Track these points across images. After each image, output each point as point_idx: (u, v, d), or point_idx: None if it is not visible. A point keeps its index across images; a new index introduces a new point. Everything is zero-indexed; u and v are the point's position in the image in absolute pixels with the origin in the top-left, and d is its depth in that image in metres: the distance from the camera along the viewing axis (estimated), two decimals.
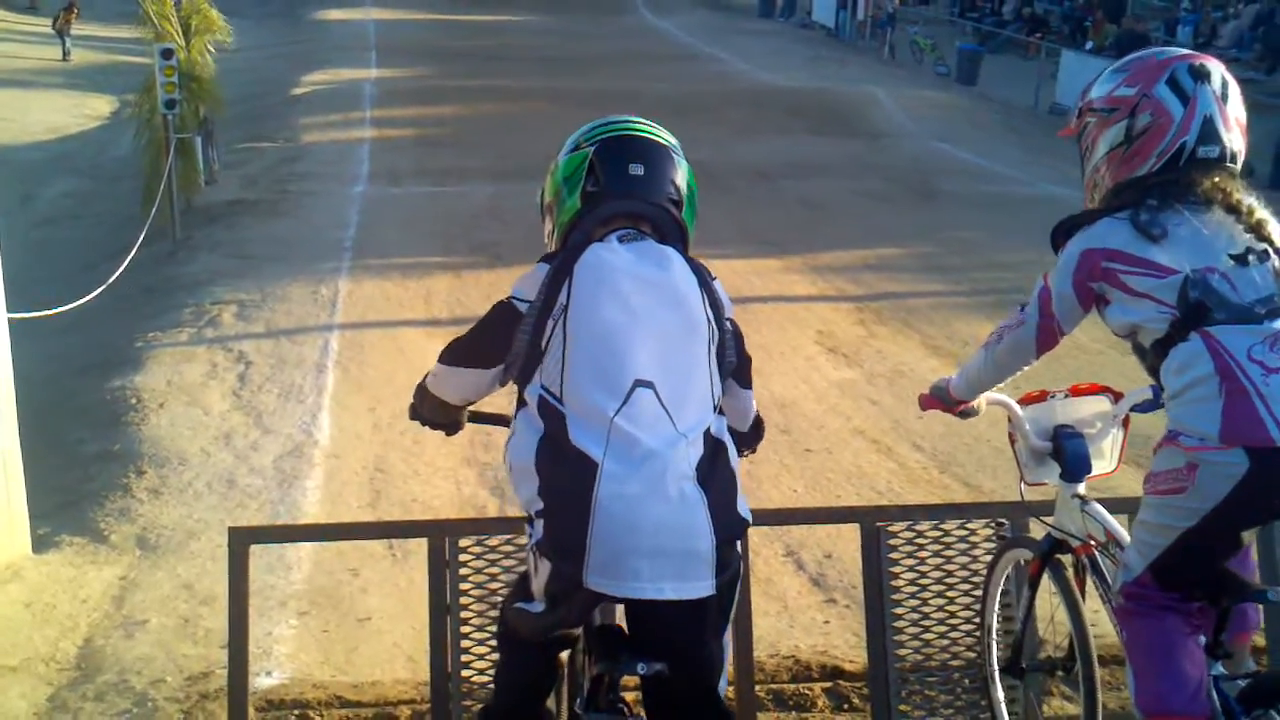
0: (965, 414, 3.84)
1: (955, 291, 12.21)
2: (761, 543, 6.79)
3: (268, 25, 29.94)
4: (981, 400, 3.78)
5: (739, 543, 2.95)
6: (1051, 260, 3.40)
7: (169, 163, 13.52)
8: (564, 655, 3.22)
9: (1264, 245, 3.10)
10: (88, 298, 9.65)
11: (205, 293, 11.67)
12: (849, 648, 5.71)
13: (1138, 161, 3.22)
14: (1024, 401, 3.82)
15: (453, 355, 3.21)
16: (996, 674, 4.16)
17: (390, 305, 11.35)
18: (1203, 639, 3.12)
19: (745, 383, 3.33)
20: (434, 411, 3.40)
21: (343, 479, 7.69)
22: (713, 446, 2.92)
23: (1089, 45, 26.96)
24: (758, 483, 7.60)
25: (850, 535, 6.80)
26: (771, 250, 13.40)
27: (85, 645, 5.62)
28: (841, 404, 9.15)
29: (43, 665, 5.42)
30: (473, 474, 7.80)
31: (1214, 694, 3.06)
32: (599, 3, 33.67)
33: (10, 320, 6.53)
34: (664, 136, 3.31)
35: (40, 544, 6.63)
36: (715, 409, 3.01)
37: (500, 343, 3.07)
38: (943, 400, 3.79)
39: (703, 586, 2.78)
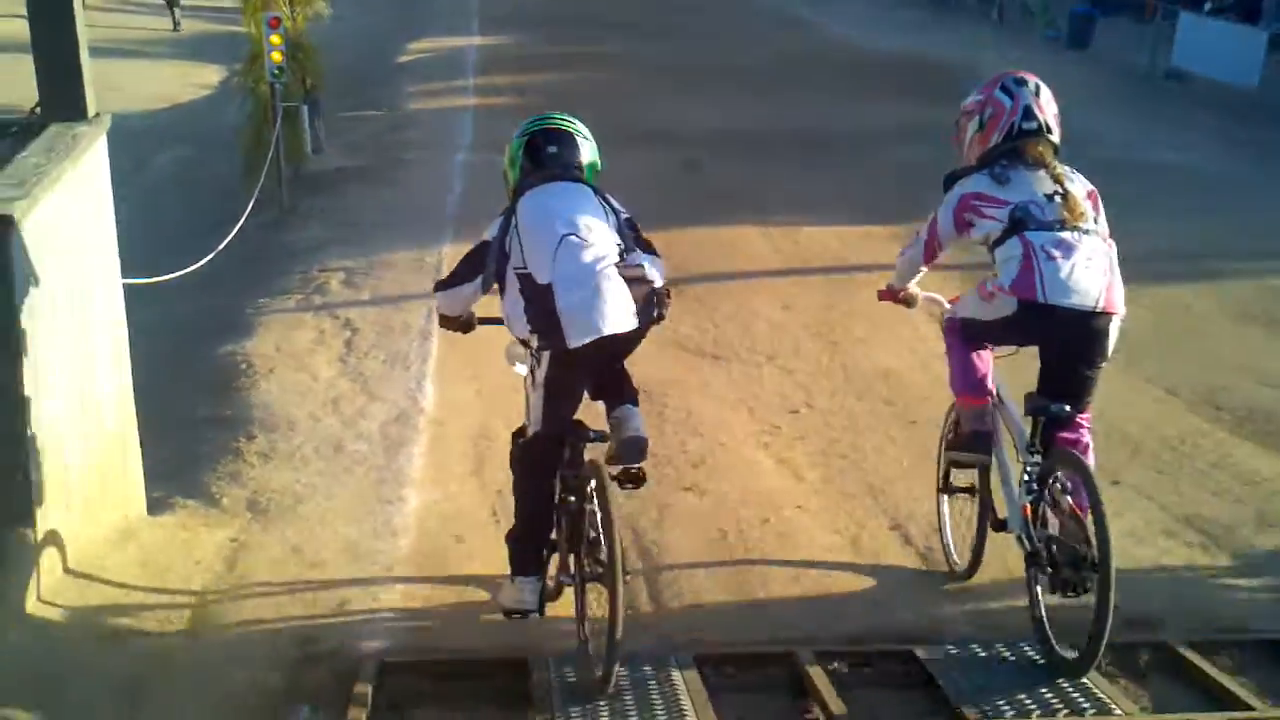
0: (906, 302, 6.10)
1: None
2: (866, 516, 6.72)
3: None
4: (919, 296, 6.03)
5: (652, 309, 4.90)
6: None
7: (275, 131, 13.70)
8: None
9: (1059, 189, 5.08)
10: (198, 264, 9.80)
11: (312, 260, 11.83)
12: (957, 625, 5.61)
13: (990, 137, 5.26)
14: (952, 301, 5.82)
15: (442, 285, 5.37)
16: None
17: None
18: (989, 357, 5.61)
19: (649, 250, 5.11)
20: (449, 322, 5.48)
21: (447, 445, 7.74)
22: (626, 267, 4.88)
23: (1207, 6, 26.04)
24: (863, 454, 7.50)
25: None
26: (875, 217, 13.15)
27: (199, 605, 5.73)
28: (947, 375, 8.96)
29: (157, 624, 5.54)
30: None
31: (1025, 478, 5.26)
32: None
33: (125, 285, 6.64)
34: (573, 126, 5.21)
35: (155, 506, 6.76)
36: (622, 255, 4.90)
37: (476, 265, 5.06)
38: (890, 292, 6.05)
39: (625, 324, 4.81)
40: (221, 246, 10.78)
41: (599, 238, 4.86)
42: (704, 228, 12.57)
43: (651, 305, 4.87)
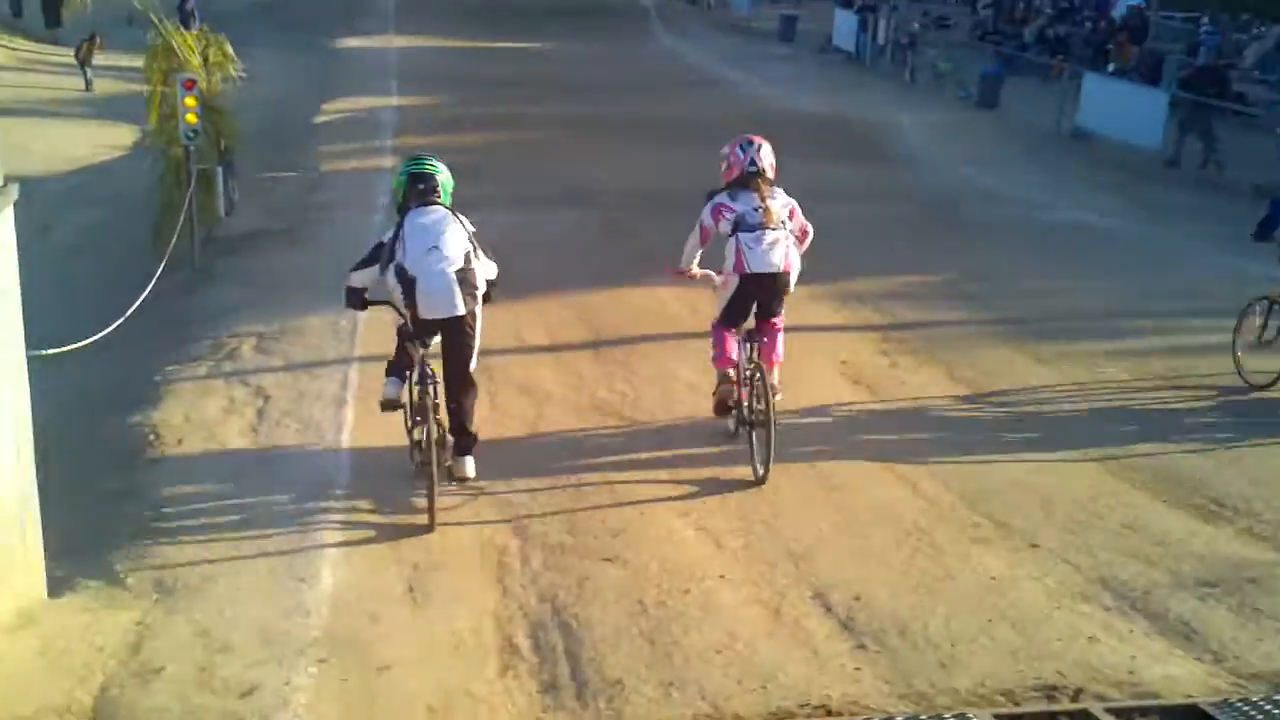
0: (690, 277, 8.56)
1: (978, 320, 12.05)
2: (788, 584, 6.67)
3: (288, 54, 29.88)
4: (699, 273, 8.51)
5: (475, 299, 7.40)
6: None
7: (189, 193, 13.49)
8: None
9: (763, 205, 7.98)
10: (105, 331, 9.57)
11: (224, 325, 11.62)
12: (881, 696, 5.59)
13: (732, 174, 8.20)
14: (719, 273, 8.38)
15: (356, 266, 7.69)
16: None
17: None
18: (735, 339, 8.33)
19: (488, 255, 7.65)
20: (353, 296, 7.72)
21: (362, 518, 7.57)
22: (464, 271, 7.30)
23: (1111, 67, 26.79)
24: (784, 521, 7.47)
25: (881, 575, 6.69)
26: (797, 278, 13.24)
27: (101, 695, 5.52)
28: (867, 438, 9.01)
29: (56, 717, 5.32)
30: (494, 512, 7.68)
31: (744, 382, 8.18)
32: (619, 28, 33.72)
33: (30, 357, 6.44)
34: (435, 168, 7.79)
35: (56, 586, 6.53)
36: (468, 261, 7.37)
37: (376, 256, 7.51)
38: (677, 270, 8.54)
39: (461, 308, 7.27)
40: (130, 311, 10.55)
41: (453, 251, 7.35)
42: (623, 289, 12.58)
43: (476, 299, 7.44)
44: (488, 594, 6.59)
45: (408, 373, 7.74)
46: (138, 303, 10.72)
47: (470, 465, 7.65)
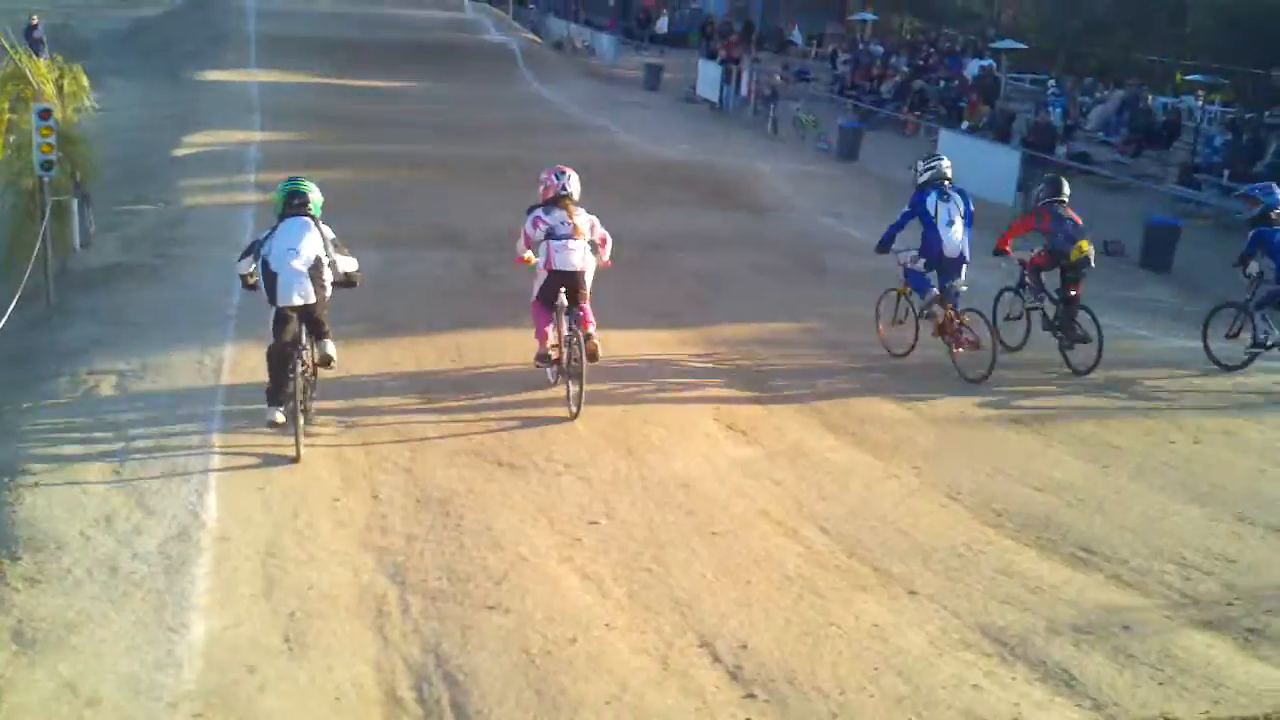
0: (526, 261, 10.59)
1: (848, 368, 12.27)
2: (674, 633, 6.66)
3: (148, 83, 29.11)
4: (530, 258, 10.54)
5: (321, 289, 9.33)
6: None
7: (44, 226, 12.98)
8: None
9: (571, 220, 10.45)
10: None
11: (82, 361, 11.17)
12: None
13: (547, 194, 10.62)
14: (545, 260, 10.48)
15: (240, 257, 9.66)
16: None
17: None
18: (548, 315, 10.56)
19: (345, 252, 9.61)
20: (242, 282, 9.73)
21: (233, 564, 7.35)
22: (317, 266, 9.28)
23: (964, 125, 27.75)
24: (667, 569, 7.47)
25: (766, 623, 6.72)
26: (665, 322, 13.38)
27: None
28: (744, 484, 9.08)
29: None
30: (371, 559, 7.53)
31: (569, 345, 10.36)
32: (487, 70, 33.66)
33: None
34: (307, 188, 9.63)
35: None
36: (326, 258, 9.36)
37: (251, 250, 9.46)
38: (521, 258, 10.65)
39: (311, 298, 9.24)
40: None
41: (308, 252, 9.26)
42: (494, 330, 12.48)
43: (325, 289, 9.41)
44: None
45: (276, 372, 9.36)
46: None
47: (330, 346, 9.65)
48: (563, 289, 10.35)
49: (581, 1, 52.18)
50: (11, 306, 11.32)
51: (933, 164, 12.28)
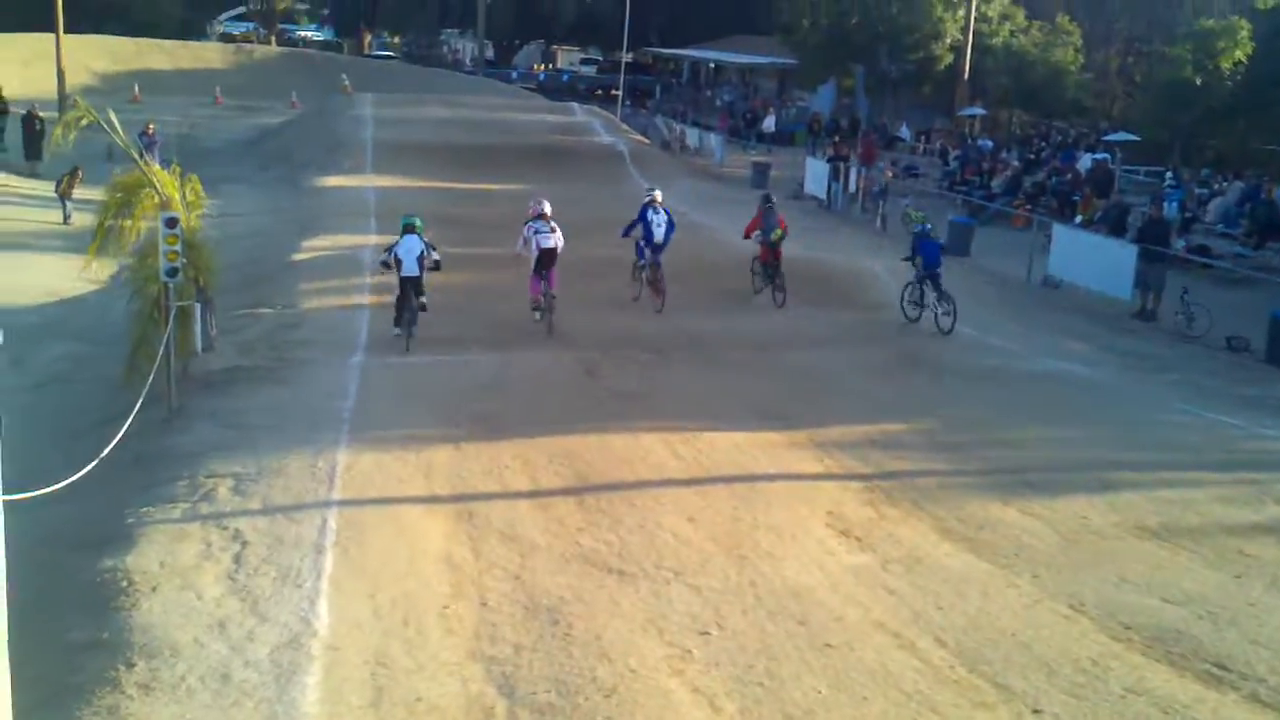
0: (523, 255, 17.35)
1: (963, 470, 12.00)
2: None
3: (269, 190, 30.19)
4: (525, 253, 17.16)
5: (423, 269, 16.20)
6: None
7: (169, 330, 13.37)
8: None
9: (550, 224, 17.11)
10: (79, 474, 9.33)
11: (200, 465, 11.39)
12: None
13: (532, 214, 17.30)
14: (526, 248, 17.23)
15: (383, 254, 17.04)
16: None
17: (389, 480, 11.08)
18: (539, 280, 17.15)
19: (435, 252, 16.49)
20: (383, 266, 16.75)
21: (342, 674, 7.34)
22: (421, 257, 16.22)
23: (1078, 219, 27.35)
24: (780, 683, 7.27)
25: None
26: (775, 424, 13.22)
27: None
28: (858, 593, 8.87)
29: None
30: (479, 669, 7.46)
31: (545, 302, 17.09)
32: (596, 172, 34.06)
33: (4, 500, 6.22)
34: (415, 222, 16.59)
35: None
36: (422, 255, 16.28)
37: (391, 249, 16.57)
38: (515, 252, 17.49)
39: (416, 273, 16.11)
40: (105, 452, 10.33)
41: (416, 250, 15.97)
42: (604, 434, 12.47)
43: (424, 268, 15.95)
44: None
45: (397, 300, 16.19)
46: (114, 443, 10.50)
47: (424, 298, 16.17)
48: (546, 261, 16.81)
49: (690, 102, 53.02)
50: (135, 410, 11.62)
51: (650, 194, 19.69)
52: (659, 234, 18.87)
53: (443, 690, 7.13)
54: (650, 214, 19.03)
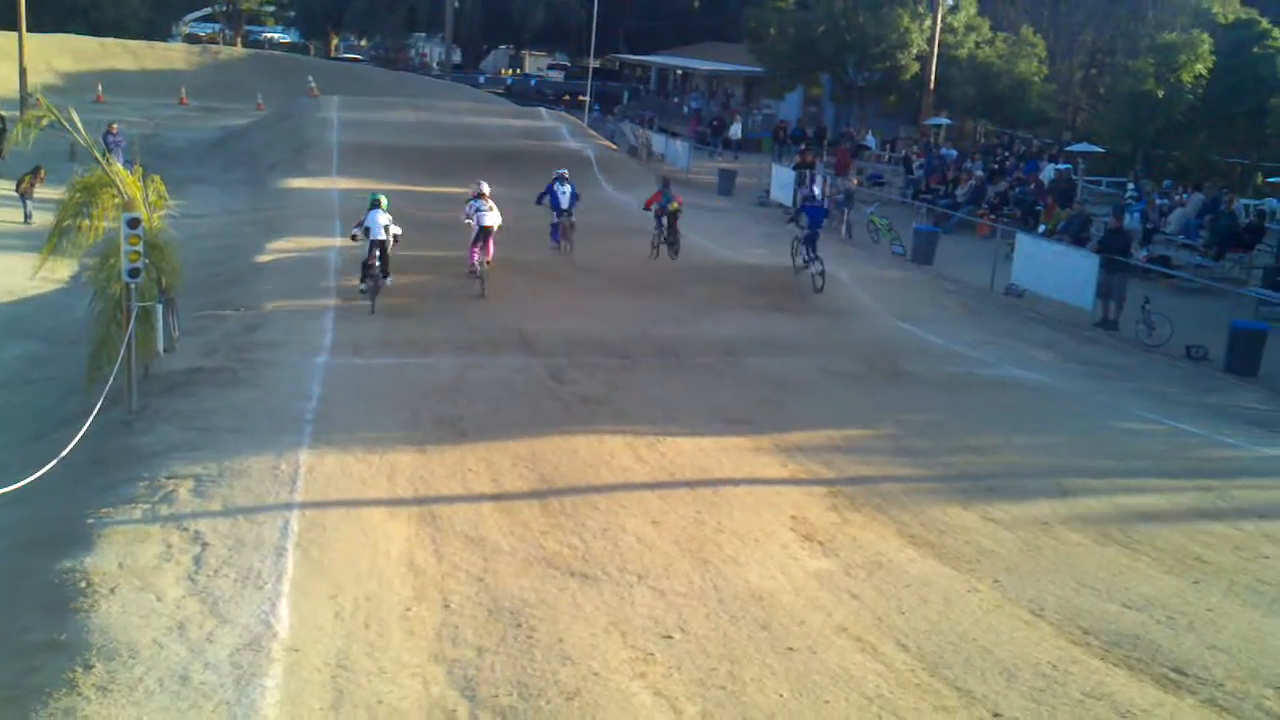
0: (467, 227, 20.38)
1: (927, 476, 12.07)
2: None
3: (233, 191, 30.02)
4: (470, 223, 20.16)
5: (389, 236, 18.43)
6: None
7: (129, 330, 13.25)
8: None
9: (488, 204, 20.21)
10: (38, 474, 9.28)
11: (160, 465, 11.28)
12: None
13: (474, 193, 20.65)
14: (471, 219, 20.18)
15: (352, 228, 19.25)
16: None
17: (352, 482, 11.02)
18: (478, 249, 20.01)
19: (395, 227, 18.71)
20: (352, 237, 19.07)
21: (303, 676, 7.29)
22: (385, 229, 18.49)
23: (1042, 228, 27.57)
24: (742, 686, 7.29)
25: None
26: (740, 429, 13.25)
27: None
28: (821, 597, 8.90)
29: None
30: (441, 672, 7.44)
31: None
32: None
33: None
34: (380, 198, 18.89)
35: None
36: (386, 228, 18.61)
37: (361, 224, 18.92)
38: (465, 221, 20.47)
39: (382, 237, 18.26)
40: (65, 453, 10.25)
41: (382, 224, 18.11)
42: (569, 436, 12.46)
43: (389, 237, 18.18)
44: None
45: (364, 265, 18.14)
46: (73, 443, 10.43)
47: (389, 281, 18.26)
48: (484, 235, 19.64)
49: (657, 109, 53.08)
50: (95, 411, 11.52)
51: (559, 172, 24.06)
52: (564, 202, 23.38)
53: (404, 693, 7.10)
54: (558, 186, 23.56)
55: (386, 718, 6.75)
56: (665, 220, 23.83)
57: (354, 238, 18.60)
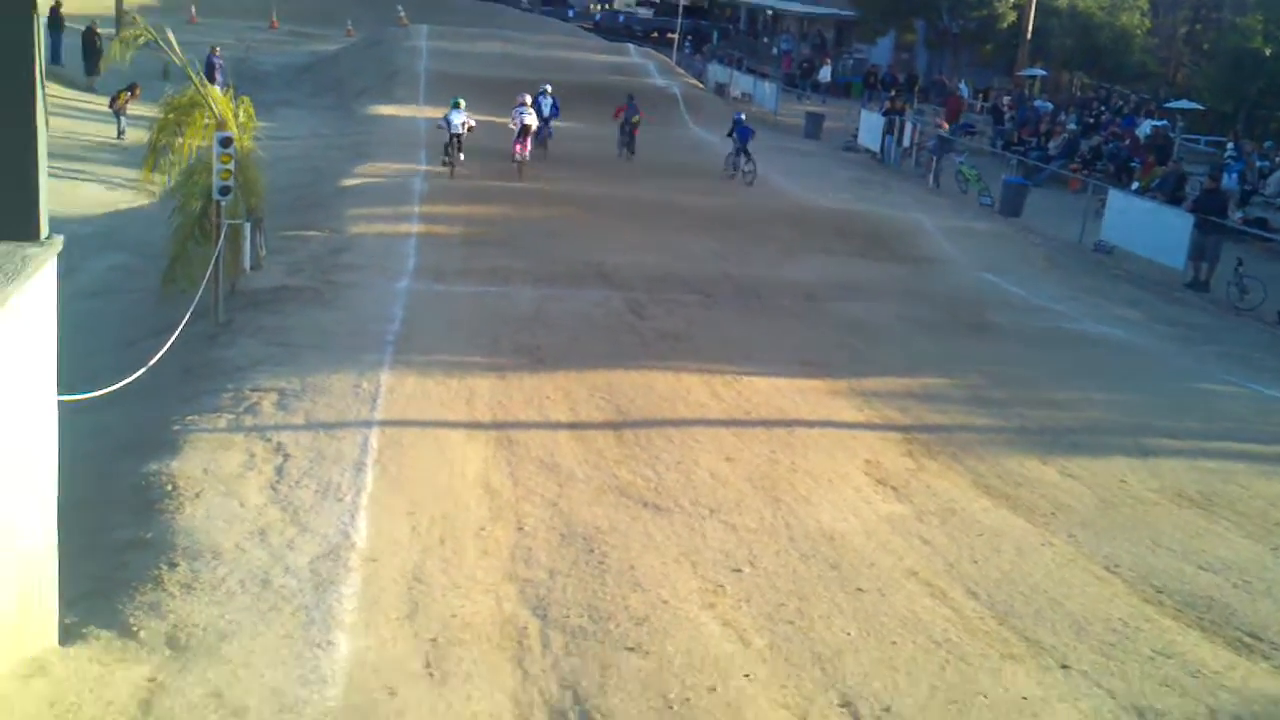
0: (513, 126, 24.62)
1: (1004, 427, 11.96)
2: (815, 690, 6.51)
3: (320, 115, 30.22)
4: (514, 125, 24.36)
5: (463, 129, 23.34)
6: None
7: (219, 246, 13.48)
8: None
9: (529, 108, 24.83)
10: (129, 379, 9.46)
11: (245, 378, 11.51)
12: None
13: (519, 103, 24.75)
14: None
15: (438, 122, 24.83)
16: None
17: (431, 404, 11.17)
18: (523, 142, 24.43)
19: (472, 121, 24.01)
20: (439, 130, 24.46)
21: (379, 586, 7.45)
22: (463, 124, 23.54)
23: (1135, 185, 26.96)
24: (810, 621, 7.32)
25: (911, 688, 6.52)
26: (817, 371, 13.21)
27: None
28: (892, 541, 8.88)
29: None
30: (513, 590, 7.56)
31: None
32: (648, 113, 33.85)
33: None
34: (459, 101, 23.89)
35: (67, 634, 6.38)
36: (465, 121, 23.51)
37: (445, 119, 23.95)
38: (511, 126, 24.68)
39: (460, 131, 23.27)
40: (154, 360, 10.45)
41: (458, 121, 22.99)
42: (646, 371, 12.51)
43: (463, 129, 23.01)
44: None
45: (446, 146, 23.06)
46: (161, 351, 10.63)
47: (462, 157, 23.18)
48: (524, 133, 23.75)
49: (747, 50, 52.50)
50: (184, 322, 11.75)
51: (544, 87, 27.48)
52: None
53: (477, 608, 7.23)
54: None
55: (460, 631, 6.87)
56: (627, 129, 28.21)
57: (438, 126, 23.51)
